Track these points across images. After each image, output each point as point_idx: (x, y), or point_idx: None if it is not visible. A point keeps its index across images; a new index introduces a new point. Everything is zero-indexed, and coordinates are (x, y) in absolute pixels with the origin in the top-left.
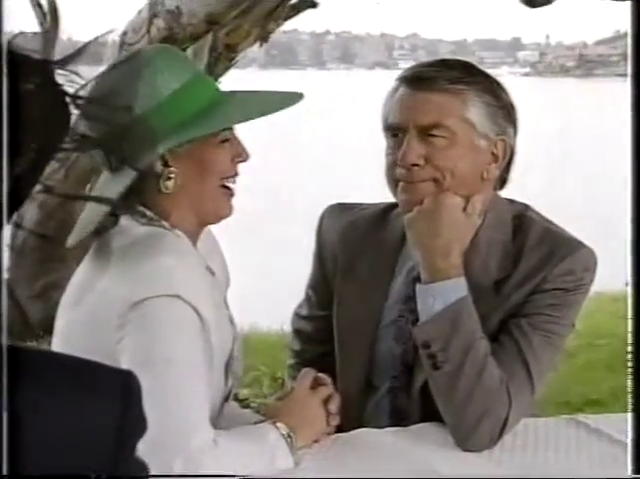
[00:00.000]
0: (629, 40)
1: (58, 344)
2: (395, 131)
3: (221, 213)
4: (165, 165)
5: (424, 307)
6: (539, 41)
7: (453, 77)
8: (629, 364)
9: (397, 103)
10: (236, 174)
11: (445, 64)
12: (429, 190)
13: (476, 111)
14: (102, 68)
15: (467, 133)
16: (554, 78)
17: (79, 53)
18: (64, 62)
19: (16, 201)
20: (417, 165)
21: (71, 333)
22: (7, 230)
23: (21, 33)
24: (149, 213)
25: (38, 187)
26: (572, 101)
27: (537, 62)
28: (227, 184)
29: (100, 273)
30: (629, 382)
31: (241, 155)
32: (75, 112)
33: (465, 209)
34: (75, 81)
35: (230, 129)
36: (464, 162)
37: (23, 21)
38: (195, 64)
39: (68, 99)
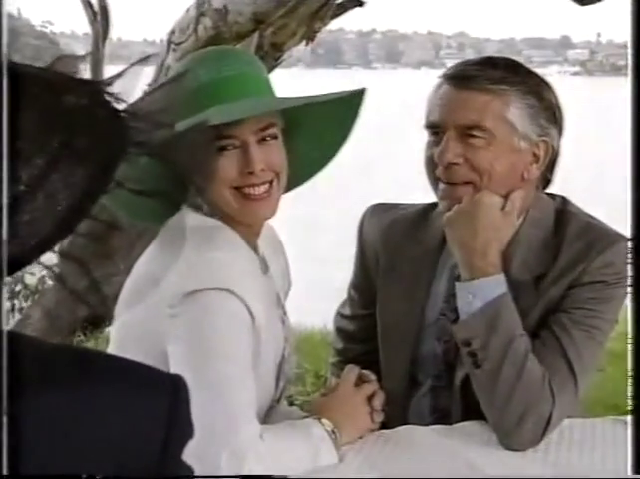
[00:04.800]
0: (629, 39)
1: (116, 330)
2: (435, 128)
3: (243, 216)
4: None
5: (463, 305)
6: (590, 39)
7: (496, 76)
8: (630, 366)
9: (438, 100)
10: (253, 184)
11: (490, 63)
12: (467, 189)
13: (517, 112)
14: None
15: (506, 134)
16: (605, 77)
17: (121, 75)
18: (109, 81)
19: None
20: (455, 163)
21: (128, 320)
22: None
23: (63, 56)
24: (205, 206)
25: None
26: (624, 100)
27: (588, 60)
28: (246, 191)
29: (156, 260)
30: (629, 385)
31: (249, 165)
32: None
33: (503, 207)
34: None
35: (231, 137)
36: (502, 162)
37: (72, 21)
38: (234, 65)
39: (122, 114)
